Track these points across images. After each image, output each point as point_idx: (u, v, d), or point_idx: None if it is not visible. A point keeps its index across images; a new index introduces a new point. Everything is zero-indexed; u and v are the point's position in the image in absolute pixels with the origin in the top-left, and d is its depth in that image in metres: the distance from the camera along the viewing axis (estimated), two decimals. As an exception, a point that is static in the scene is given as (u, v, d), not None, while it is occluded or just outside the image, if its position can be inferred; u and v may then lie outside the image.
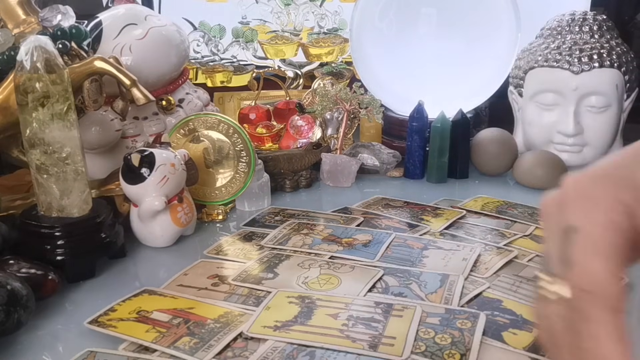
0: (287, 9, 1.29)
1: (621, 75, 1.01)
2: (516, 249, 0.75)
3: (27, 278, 0.62)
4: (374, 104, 1.06)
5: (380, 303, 0.62)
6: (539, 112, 1.04)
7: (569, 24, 1.06)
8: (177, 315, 0.61)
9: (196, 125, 0.88)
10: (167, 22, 0.91)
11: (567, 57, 1.01)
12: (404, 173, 1.06)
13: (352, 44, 1.15)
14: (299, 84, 1.30)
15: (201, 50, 1.27)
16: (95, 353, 0.55)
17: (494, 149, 1.04)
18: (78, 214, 0.71)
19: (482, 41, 1.07)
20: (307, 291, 0.65)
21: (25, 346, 0.58)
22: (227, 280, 0.69)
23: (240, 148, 0.87)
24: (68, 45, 0.77)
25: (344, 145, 1.09)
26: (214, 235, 0.83)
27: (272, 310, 0.61)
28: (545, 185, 0.99)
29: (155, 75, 0.88)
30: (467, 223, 0.84)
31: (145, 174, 0.75)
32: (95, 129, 0.83)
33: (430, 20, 1.07)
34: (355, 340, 0.56)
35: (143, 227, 0.78)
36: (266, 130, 1.14)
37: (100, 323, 0.59)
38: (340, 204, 0.92)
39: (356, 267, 0.71)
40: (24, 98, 0.67)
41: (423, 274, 0.69)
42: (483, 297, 0.64)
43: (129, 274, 0.74)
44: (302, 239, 0.78)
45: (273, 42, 1.26)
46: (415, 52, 1.08)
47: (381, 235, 0.79)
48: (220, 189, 0.88)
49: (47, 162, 0.69)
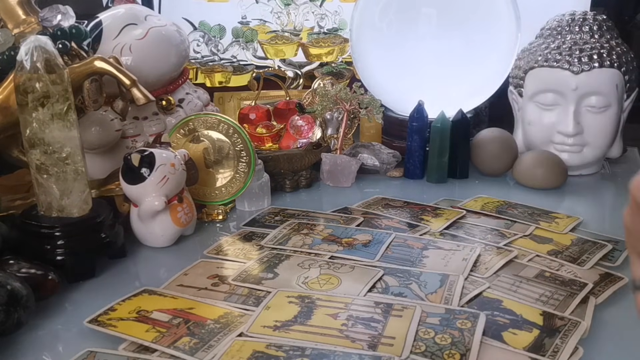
0: (287, 9, 1.29)
1: (621, 75, 1.01)
2: (516, 249, 0.75)
3: (27, 278, 0.62)
4: (374, 104, 1.06)
5: (380, 303, 0.62)
6: (539, 112, 1.04)
7: (569, 24, 1.06)
8: (177, 315, 0.61)
9: (196, 125, 0.88)
10: (167, 22, 0.91)
11: (567, 57, 1.01)
12: (404, 173, 1.06)
13: (352, 44, 1.15)
14: (299, 84, 1.30)
15: (201, 50, 1.27)
16: (95, 353, 0.55)
17: (494, 149, 1.04)
18: (78, 214, 0.71)
19: (482, 41, 1.06)
20: (307, 291, 0.65)
21: (25, 346, 0.58)
22: (227, 280, 0.69)
23: (240, 148, 0.87)
24: (68, 45, 0.77)
25: (344, 145, 1.09)
26: (214, 235, 0.83)
27: (272, 310, 0.61)
28: (545, 185, 0.99)
29: (155, 75, 0.88)
30: (467, 223, 0.84)
31: (145, 174, 0.75)
32: (95, 129, 0.83)
33: (430, 20, 1.07)
34: (354, 340, 0.56)
35: (143, 227, 0.78)
36: (266, 130, 1.14)
37: (100, 322, 0.59)
38: (340, 204, 0.92)
39: (356, 267, 0.71)
40: (24, 98, 0.67)
41: (423, 274, 0.69)
42: (483, 297, 0.64)
43: (129, 274, 0.74)
44: (302, 239, 0.78)
45: (273, 42, 1.26)
46: (415, 52, 1.08)
47: (381, 235, 0.79)
48: (220, 189, 0.88)
49: (47, 162, 0.69)
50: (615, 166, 1.12)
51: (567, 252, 0.75)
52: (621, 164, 1.12)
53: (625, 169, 1.11)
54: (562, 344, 0.56)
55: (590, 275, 0.70)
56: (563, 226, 0.82)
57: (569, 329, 0.58)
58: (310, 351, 0.54)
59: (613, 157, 1.09)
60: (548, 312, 0.61)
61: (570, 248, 0.76)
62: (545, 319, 0.60)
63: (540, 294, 0.65)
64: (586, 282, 0.67)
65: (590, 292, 0.65)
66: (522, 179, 1.01)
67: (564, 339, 0.57)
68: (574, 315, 0.61)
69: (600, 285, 0.67)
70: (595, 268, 0.72)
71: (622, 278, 0.69)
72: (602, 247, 0.76)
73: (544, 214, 0.87)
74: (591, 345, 0.56)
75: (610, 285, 0.67)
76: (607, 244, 0.77)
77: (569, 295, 0.65)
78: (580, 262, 0.72)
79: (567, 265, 0.72)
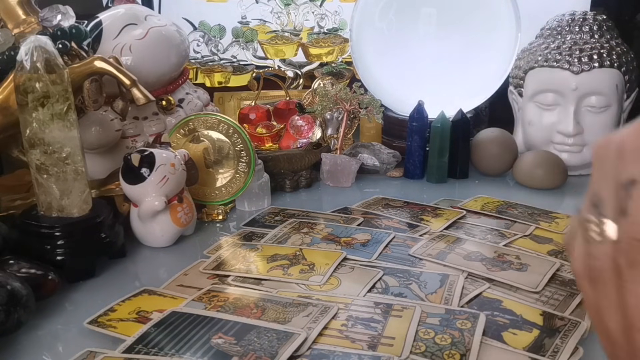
0: (287, 9, 1.29)
1: (621, 75, 1.01)
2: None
3: (27, 278, 0.62)
4: (374, 104, 1.06)
5: (380, 303, 0.62)
6: (539, 112, 1.04)
7: (569, 24, 1.06)
8: (177, 315, 0.61)
9: (196, 125, 0.88)
10: (167, 22, 0.91)
11: (567, 57, 1.01)
12: (404, 173, 1.06)
13: (352, 44, 1.15)
14: (299, 84, 1.30)
15: (201, 50, 1.27)
16: (95, 353, 0.55)
17: (494, 149, 1.04)
18: (78, 214, 0.71)
19: (482, 41, 1.06)
20: (307, 291, 0.65)
21: (25, 346, 0.58)
22: (226, 280, 0.69)
23: (240, 148, 0.87)
24: (68, 45, 0.77)
25: (344, 145, 1.09)
26: (214, 235, 0.83)
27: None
28: (545, 185, 0.99)
29: (155, 75, 0.88)
30: (467, 223, 0.84)
31: (145, 174, 0.75)
32: (95, 129, 0.83)
33: (430, 20, 1.07)
34: (354, 341, 0.56)
35: (143, 227, 0.78)
36: (266, 130, 1.14)
37: (100, 323, 0.59)
38: (340, 204, 0.92)
39: (356, 267, 0.71)
40: (24, 98, 0.67)
41: (423, 274, 0.69)
42: (483, 297, 0.64)
43: (129, 274, 0.74)
44: (302, 238, 0.78)
45: (273, 42, 1.26)
46: (415, 52, 1.08)
47: (380, 235, 0.79)
48: (220, 189, 0.88)
49: (47, 162, 0.69)
50: (615, 166, 1.11)
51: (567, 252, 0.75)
52: (621, 164, 1.12)
53: (625, 169, 1.11)
54: (562, 344, 0.56)
55: (590, 276, 0.69)
56: (563, 226, 0.82)
57: (569, 329, 0.58)
58: (309, 351, 0.54)
59: (613, 157, 1.08)
60: (548, 312, 0.61)
61: (570, 248, 0.76)
62: (545, 319, 0.60)
63: (540, 294, 0.65)
64: (586, 282, 0.67)
65: (590, 292, 0.65)
66: (522, 179, 1.01)
67: (564, 339, 0.57)
68: (574, 315, 0.61)
69: (600, 286, 0.67)
70: (595, 268, 0.71)
71: (622, 278, 0.69)
72: (602, 247, 0.76)
73: (544, 214, 0.87)
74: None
75: (610, 286, 0.67)
76: (607, 244, 0.77)
77: (569, 295, 0.65)
78: (580, 262, 0.72)
79: (567, 265, 0.72)
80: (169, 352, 0.54)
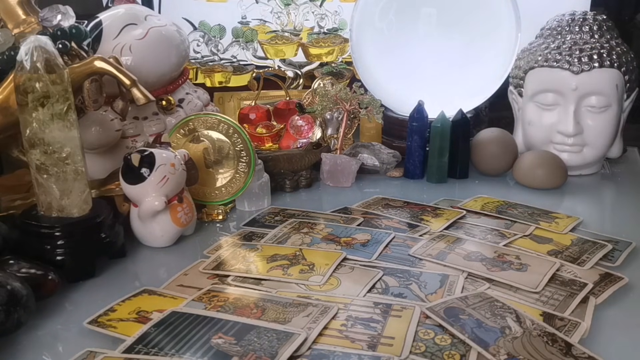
0: (287, 9, 1.29)
1: (621, 75, 1.01)
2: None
3: (27, 278, 0.62)
4: (374, 104, 1.06)
5: (379, 303, 0.62)
6: (539, 112, 1.04)
7: (569, 24, 1.06)
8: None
9: (196, 125, 0.88)
10: (167, 22, 0.91)
11: (567, 57, 1.01)
12: (404, 173, 1.06)
13: (352, 44, 1.15)
14: (299, 84, 1.30)
15: (201, 50, 1.27)
16: (95, 353, 0.55)
17: (494, 149, 1.04)
18: (78, 214, 0.71)
19: (482, 41, 1.06)
20: (307, 291, 0.65)
21: (25, 346, 0.58)
22: (226, 280, 0.69)
23: (240, 148, 0.87)
24: (68, 45, 0.77)
25: (344, 145, 1.09)
26: (214, 235, 0.83)
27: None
28: (545, 185, 0.99)
29: (155, 75, 0.88)
30: (467, 223, 0.84)
31: (145, 174, 0.75)
32: (95, 129, 0.83)
33: (430, 20, 1.07)
34: (354, 341, 0.56)
35: (143, 227, 0.78)
36: (266, 130, 1.14)
37: (100, 323, 0.60)
38: (340, 204, 0.92)
39: (356, 267, 0.71)
40: (24, 98, 0.67)
41: (423, 274, 0.69)
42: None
43: (129, 274, 0.74)
44: (302, 238, 0.78)
45: (273, 42, 1.26)
46: (415, 52, 1.08)
47: (380, 235, 0.79)
48: (220, 189, 0.88)
49: (47, 162, 0.69)
50: (615, 166, 1.12)
51: (567, 252, 0.75)
52: (621, 164, 1.12)
53: (625, 169, 1.11)
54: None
55: (590, 275, 0.70)
56: (563, 226, 0.82)
57: (569, 329, 0.58)
58: (309, 351, 0.54)
59: (613, 157, 1.09)
60: (548, 312, 0.61)
61: (570, 248, 0.76)
62: (545, 319, 0.60)
63: (540, 294, 0.65)
64: (586, 282, 0.67)
65: (590, 292, 0.65)
66: (522, 179, 1.01)
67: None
68: (574, 316, 0.61)
69: (600, 286, 0.67)
70: (595, 268, 0.72)
71: (622, 278, 0.69)
72: (602, 247, 0.76)
73: (544, 214, 0.87)
74: (591, 346, 0.56)
75: (610, 286, 0.67)
76: (607, 244, 0.77)
77: (569, 295, 0.65)
78: (580, 262, 0.72)
79: (567, 265, 0.72)
80: (169, 352, 0.54)
